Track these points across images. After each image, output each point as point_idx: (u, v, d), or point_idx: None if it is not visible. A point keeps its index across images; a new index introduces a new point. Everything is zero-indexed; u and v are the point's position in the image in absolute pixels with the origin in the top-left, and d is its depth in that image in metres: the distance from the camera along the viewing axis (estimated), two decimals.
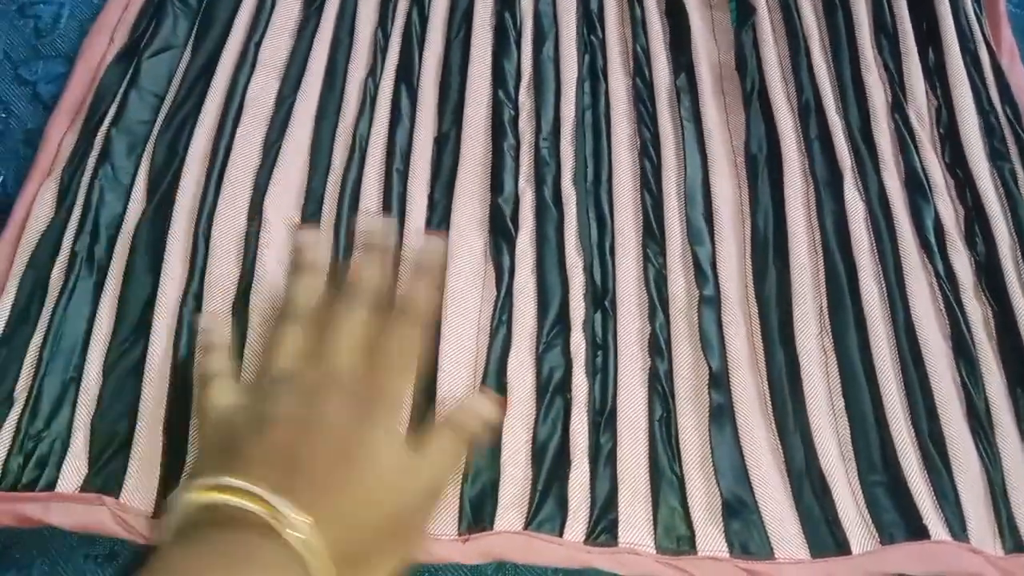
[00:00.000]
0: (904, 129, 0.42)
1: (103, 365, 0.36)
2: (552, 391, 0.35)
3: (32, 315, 0.36)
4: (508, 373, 0.36)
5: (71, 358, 0.36)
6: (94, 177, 0.39)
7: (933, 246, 0.39)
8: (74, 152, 0.40)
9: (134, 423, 0.34)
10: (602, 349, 0.37)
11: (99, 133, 0.40)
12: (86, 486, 0.33)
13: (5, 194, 0.42)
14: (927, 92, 0.44)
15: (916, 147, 0.42)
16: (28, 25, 0.46)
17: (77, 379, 0.35)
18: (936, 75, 0.44)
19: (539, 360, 0.36)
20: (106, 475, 0.34)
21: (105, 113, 0.41)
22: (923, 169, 0.41)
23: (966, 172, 0.41)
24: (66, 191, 0.39)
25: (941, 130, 0.43)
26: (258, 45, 0.43)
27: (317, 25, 0.44)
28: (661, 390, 0.36)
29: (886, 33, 0.46)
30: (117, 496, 0.33)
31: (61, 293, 0.37)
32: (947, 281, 0.38)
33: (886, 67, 0.45)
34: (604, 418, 0.35)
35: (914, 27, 0.45)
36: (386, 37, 0.44)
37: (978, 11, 0.47)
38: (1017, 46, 0.47)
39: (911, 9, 0.46)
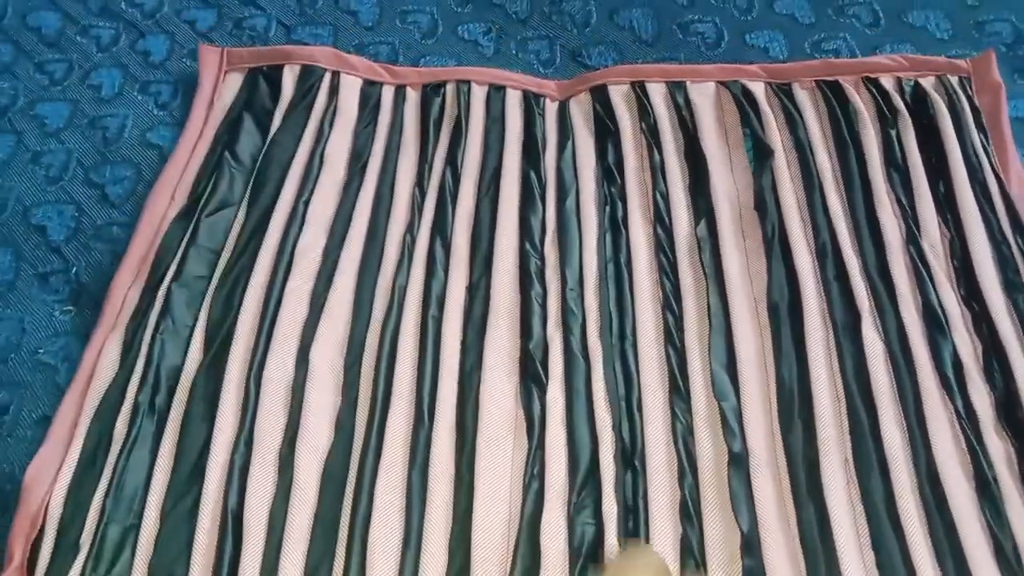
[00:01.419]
0: (919, 262, 0.44)
1: (160, 511, 0.38)
2: (585, 556, 0.36)
3: (98, 466, 0.39)
4: (542, 532, 0.37)
5: (132, 506, 0.38)
6: (156, 331, 0.42)
7: (952, 383, 0.40)
8: (138, 307, 0.43)
9: (187, 566, 0.36)
10: (633, 513, 0.37)
11: (161, 289, 0.43)
12: None
13: (78, 283, 0.46)
14: (939, 224, 0.46)
15: (932, 280, 0.43)
16: (97, 135, 0.52)
17: (137, 526, 0.38)
18: (947, 207, 0.46)
19: (571, 521, 0.37)
20: None
21: (167, 270, 0.44)
22: (939, 303, 0.43)
23: (982, 305, 0.42)
24: (130, 345, 0.42)
25: (955, 263, 0.44)
26: (307, 203, 0.46)
27: (360, 184, 0.47)
28: (693, 560, 0.36)
29: (896, 167, 0.48)
30: None
31: (124, 444, 0.39)
32: (967, 419, 0.39)
33: (899, 201, 0.46)
34: None
35: (923, 160, 0.47)
36: (423, 194, 0.48)
37: (985, 142, 0.49)
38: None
39: (920, 142, 0.48)
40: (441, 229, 0.46)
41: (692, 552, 0.37)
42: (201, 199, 0.46)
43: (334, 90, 0.51)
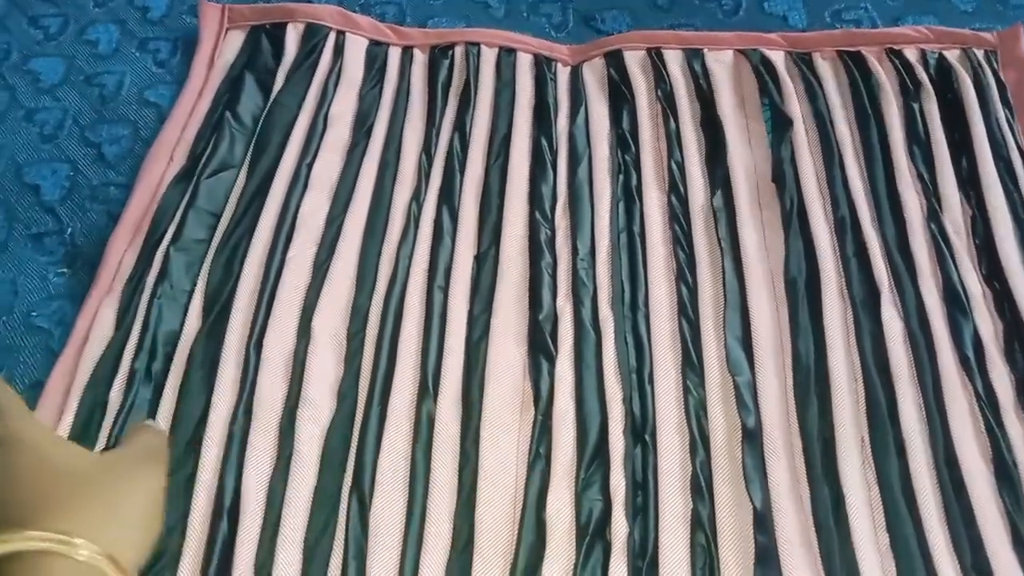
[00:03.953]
0: (940, 240, 0.43)
1: None
2: (592, 534, 0.35)
3: (92, 434, 0.38)
4: (548, 509, 0.36)
5: None
6: (153, 295, 0.41)
7: (972, 364, 0.39)
8: (134, 270, 0.42)
9: (183, 538, 0.35)
10: (642, 489, 0.36)
11: (158, 252, 0.42)
12: None
13: (73, 244, 0.45)
14: (961, 202, 0.44)
15: (953, 258, 0.42)
16: (93, 93, 0.51)
17: None
18: (970, 184, 0.45)
19: (578, 498, 0.36)
20: None
21: (164, 232, 0.43)
22: (960, 281, 0.41)
23: (1003, 284, 0.41)
24: (126, 309, 0.41)
25: (977, 240, 0.43)
26: (310, 167, 0.45)
27: (366, 148, 0.46)
28: (704, 536, 0.35)
29: (918, 142, 0.46)
30: None
31: (119, 412, 0.38)
32: (987, 401, 0.38)
33: (920, 176, 0.45)
34: (645, 565, 0.35)
35: (946, 135, 0.46)
36: (430, 161, 0.46)
37: (1010, 117, 0.47)
38: None
39: (943, 117, 0.47)
40: (448, 197, 0.45)
41: (703, 527, 0.36)
42: (201, 160, 0.45)
43: (339, 50, 0.49)
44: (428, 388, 0.39)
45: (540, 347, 0.40)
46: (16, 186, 0.47)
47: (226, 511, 0.36)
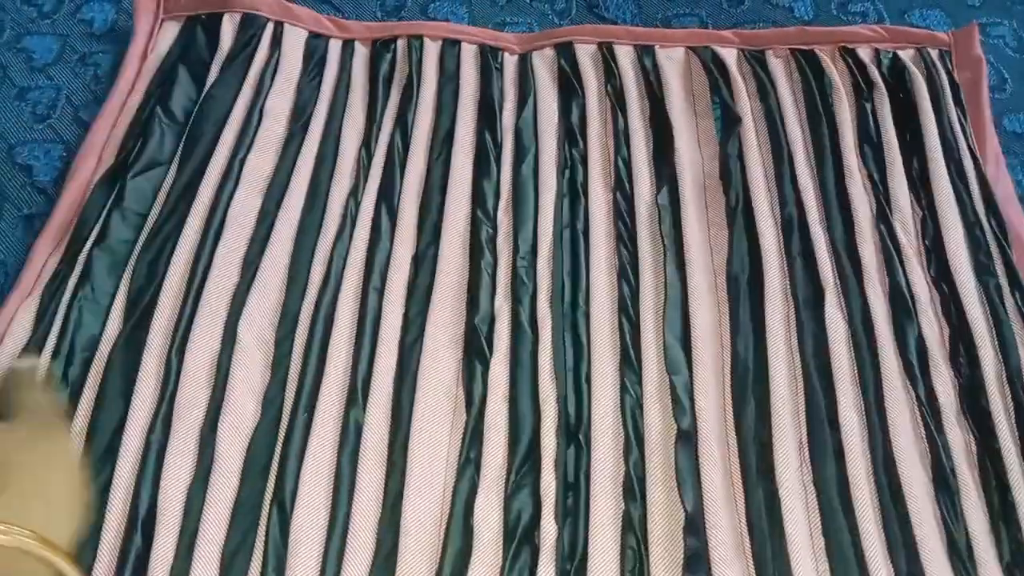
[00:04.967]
0: (889, 241, 0.42)
1: None
2: (520, 538, 0.34)
3: None
4: (475, 514, 0.35)
5: None
6: (74, 298, 0.39)
7: (915, 369, 0.39)
8: (56, 273, 0.40)
9: (94, 553, 0.34)
10: (573, 490, 0.36)
11: (81, 254, 0.40)
12: None
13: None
14: (912, 203, 0.44)
15: (901, 260, 0.42)
16: (88, 72, 0.50)
17: None
18: (920, 185, 0.44)
19: (507, 501, 0.35)
20: None
21: (89, 234, 0.41)
22: (907, 283, 0.41)
23: (951, 288, 0.41)
24: (44, 311, 0.39)
25: (927, 242, 0.43)
26: (243, 161, 0.43)
27: (302, 142, 0.44)
28: (634, 538, 0.35)
29: (870, 142, 0.46)
30: None
31: None
32: (928, 407, 0.38)
33: (870, 177, 0.45)
34: (573, 567, 0.34)
35: (898, 136, 0.46)
36: (369, 156, 0.45)
37: (963, 119, 0.47)
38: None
39: (895, 117, 0.46)
40: (387, 194, 0.43)
41: (634, 529, 0.35)
42: (128, 159, 0.43)
43: (276, 41, 0.48)
44: (357, 395, 0.38)
45: (475, 350, 0.39)
46: (8, 166, 0.46)
47: (140, 523, 0.34)
